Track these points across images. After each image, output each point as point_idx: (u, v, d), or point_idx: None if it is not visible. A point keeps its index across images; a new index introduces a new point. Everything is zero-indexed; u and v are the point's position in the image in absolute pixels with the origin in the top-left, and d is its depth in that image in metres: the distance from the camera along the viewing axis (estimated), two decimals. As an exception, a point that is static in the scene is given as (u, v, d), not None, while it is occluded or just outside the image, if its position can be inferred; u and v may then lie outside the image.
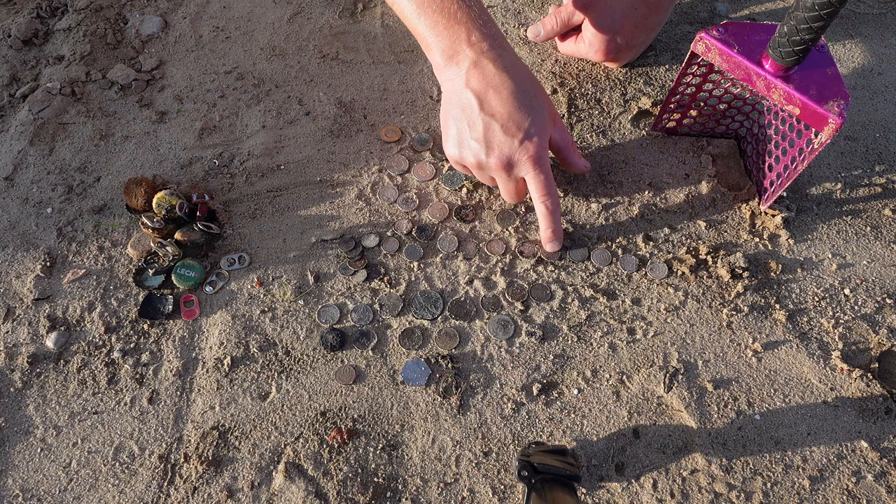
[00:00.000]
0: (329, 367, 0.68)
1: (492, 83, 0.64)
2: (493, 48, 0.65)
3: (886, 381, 0.67)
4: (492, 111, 0.64)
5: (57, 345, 0.69)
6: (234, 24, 0.95)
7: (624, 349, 0.69)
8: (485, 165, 0.67)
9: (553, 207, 0.68)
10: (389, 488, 0.62)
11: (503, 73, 0.64)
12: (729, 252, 0.74)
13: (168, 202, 0.74)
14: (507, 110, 0.64)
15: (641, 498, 0.61)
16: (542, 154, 0.65)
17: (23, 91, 0.88)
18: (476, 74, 0.64)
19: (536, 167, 0.65)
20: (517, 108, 0.64)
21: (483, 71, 0.64)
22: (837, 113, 0.60)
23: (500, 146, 0.65)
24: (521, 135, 0.64)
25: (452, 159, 0.70)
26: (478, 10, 0.65)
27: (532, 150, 0.65)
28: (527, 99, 0.65)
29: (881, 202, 0.78)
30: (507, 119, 0.64)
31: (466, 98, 0.65)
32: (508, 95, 0.64)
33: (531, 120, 0.64)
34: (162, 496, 0.61)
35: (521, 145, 0.64)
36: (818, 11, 0.55)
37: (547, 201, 0.67)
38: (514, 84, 0.64)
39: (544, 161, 0.66)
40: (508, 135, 0.64)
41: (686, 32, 0.93)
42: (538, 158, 0.65)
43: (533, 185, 0.67)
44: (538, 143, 0.65)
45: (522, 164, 0.66)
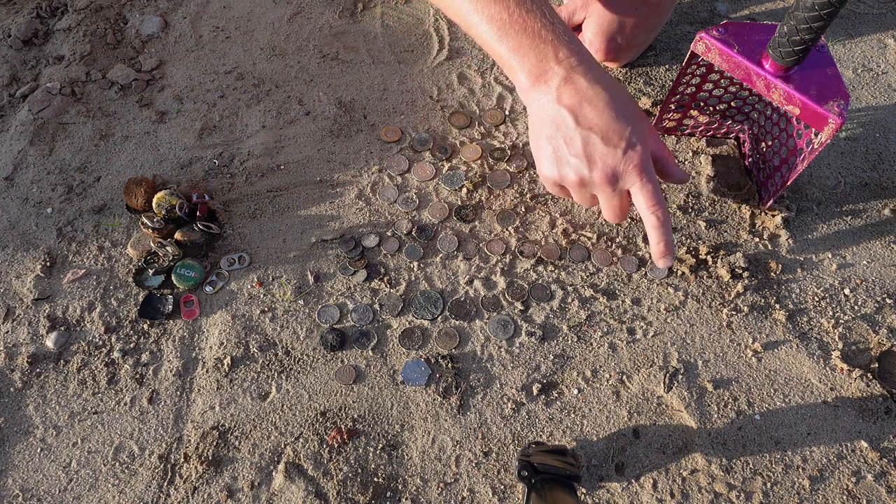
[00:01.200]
0: (329, 367, 0.68)
1: (585, 97, 0.62)
2: (581, 63, 0.62)
3: (886, 381, 0.67)
4: (589, 124, 0.61)
5: (57, 345, 0.69)
6: (234, 24, 0.95)
7: (624, 349, 0.69)
8: (588, 181, 0.63)
9: (664, 219, 0.62)
10: (389, 488, 0.62)
11: (596, 86, 0.62)
12: (729, 252, 0.74)
13: (168, 202, 0.74)
14: (606, 122, 0.61)
15: (641, 498, 0.61)
16: (648, 162, 0.62)
17: (23, 91, 0.88)
18: (568, 90, 0.62)
19: (643, 176, 0.61)
20: (615, 119, 0.61)
21: (575, 86, 0.62)
22: (837, 113, 0.60)
23: (604, 158, 0.61)
24: (624, 144, 0.61)
25: (550, 180, 0.66)
26: (562, 27, 0.63)
27: (637, 158, 0.61)
28: (624, 108, 0.62)
29: (881, 202, 0.78)
30: (607, 130, 0.61)
31: (560, 115, 0.62)
32: (605, 107, 0.61)
33: (631, 129, 0.61)
34: (162, 496, 0.61)
35: (626, 155, 0.61)
36: (818, 11, 0.55)
37: (658, 212, 0.62)
38: (609, 95, 0.62)
39: (650, 170, 0.62)
40: (610, 146, 0.61)
41: (686, 32, 0.93)
42: (644, 167, 0.61)
43: (641, 195, 0.62)
44: (642, 151, 0.61)
45: (628, 175, 0.62)
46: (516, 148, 0.82)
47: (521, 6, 0.62)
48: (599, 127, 0.61)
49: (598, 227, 0.76)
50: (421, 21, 0.95)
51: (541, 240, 0.75)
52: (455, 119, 0.85)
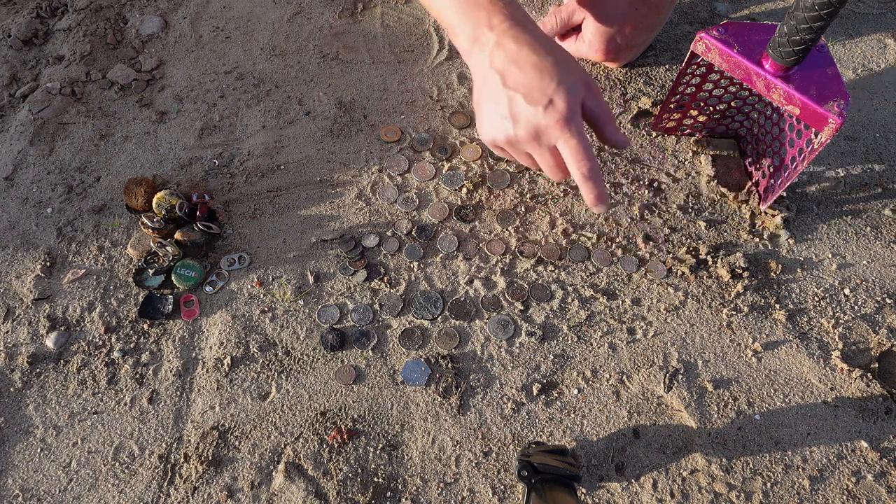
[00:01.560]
0: (329, 367, 0.68)
1: (513, 58, 0.63)
2: (514, 27, 0.64)
3: (886, 381, 0.67)
4: (514, 84, 0.63)
5: (57, 345, 0.69)
6: (234, 24, 0.95)
7: (624, 349, 0.69)
8: (515, 141, 0.65)
9: (590, 173, 0.62)
10: (389, 488, 0.62)
11: (524, 48, 0.63)
12: (729, 252, 0.74)
13: (168, 202, 0.74)
14: (530, 81, 0.62)
15: (641, 498, 0.61)
16: (570, 117, 0.62)
17: (23, 91, 0.88)
18: (499, 54, 0.64)
19: (565, 131, 0.61)
20: (540, 78, 0.62)
21: (505, 49, 0.63)
22: (837, 113, 0.60)
23: (526, 116, 0.62)
24: (546, 101, 0.61)
25: (487, 142, 0.68)
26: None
27: (557, 115, 0.61)
28: (552, 67, 0.62)
29: (881, 202, 0.78)
30: (531, 89, 0.62)
31: (491, 78, 0.64)
32: (530, 67, 0.62)
33: (555, 85, 0.62)
34: (162, 496, 0.61)
35: (546, 111, 0.61)
36: (818, 11, 0.55)
37: (583, 167, 0.62)
38: (537, 56, 0.63)
39: (574, 125, 0.62)
40: (532, 103, 0.62)
41: (686, 32, 0.93)
42: (566, 122, 0.61)
43: (565, 151, 0.62)
44: (565, 107, 0.61)
45: (550, 131, 0.62)
46: (516, 148, 0.82)
47: None
48: (524, 86, 0.62)
49: (597, 227, 0.76)
50: (421, 21, 0.95)
51: (541, 240, 0.75)
52: (455, 119, 0.85)
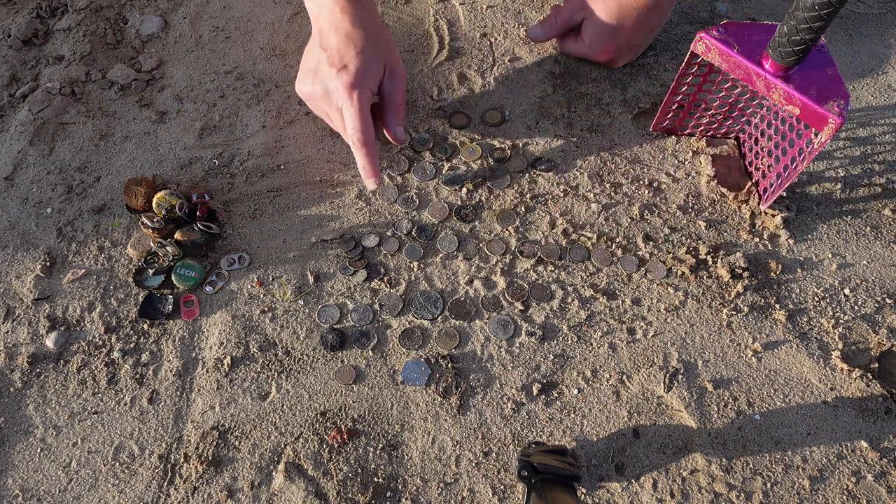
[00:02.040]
0: (329, 367, 0.68)
1: (334, 23, 0.70)
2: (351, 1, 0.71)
3: (886, 381, 0.67)
4: (325, 45, 0.70)
5: (57, 345, 0.69)
6: (234, 24, 0.95)
7: (624, 349, 0.69)
8: (312, 95, 0.72)
9: (363, 142, 0.70)
10: (389, 488, 0.62)
11: (346, 17, 0.70)
12: (729, 252, 0.74)
13: (168, 202, 0.74)
14: (337, 46, 0.69)
15: (641, 498, 0.61)
16: (357, 85, 0.68)
17: (23, 91, 0.88)
18: (327, 16, 0.71)
19: (348, 97, 0.68)
20: (346, 45, 0.69)
21: (332, 13, 0.70)
22: (837, 113, 0.60)
23: (322, 75, 0.70)
24: (341, 65, 0.69)
25: (297, 92, 0.75)
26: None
27: (346, 79, 0.68)
28: (360, 39, 0.70)
29: (881, 202, 0.78)
30: (335, 52, 0.69)
31: (315, 35, 0.73)
32: (343, 34, 0.70)
33: (354, 54, 0.69)
34: (162, 496, 0.61)
35: (338, 74, 0.69)
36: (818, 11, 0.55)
37: (356, 134, 0.69)
38: (353, 27, 0.70)
39: (359, 94, 0.69)
40: (331, 65, 0.69)
41: (686, 32, 0.93)
42: (351, 88, 0.68)
43: (346, 115, 0.69)
44: (355, 75, 0.68)
45: (337, 93, 0.69)
46: (516, 148, 0.82)
47: None
48: (330, 48, 0.70)
49: (598, 227, 0.76)
50: (421, 21, 0.95)
51: (541, 240, 0.75)
52: (455, 119, 0.85)
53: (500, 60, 0.90)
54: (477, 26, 0.94)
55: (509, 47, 0.91)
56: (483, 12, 0.96)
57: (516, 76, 0.89)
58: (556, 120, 0.84)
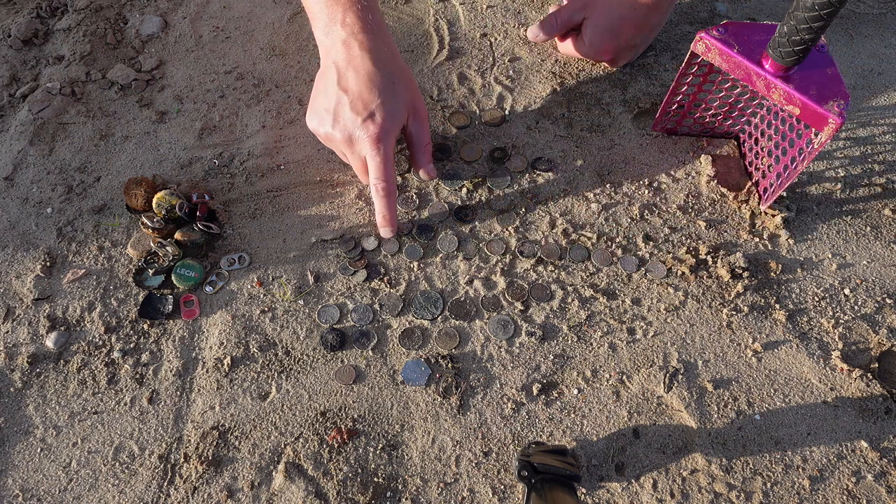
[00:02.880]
0: (329, 367, 0.68)
1: (353, 62, 0.68)
2: (364, 31, 0.68)
3: (886, 381, 0.67)
4: (346, 87, 0.67)
5: (57, 345, 0.69)
6: (234, 24, 0.95)
7: (624, 349, 0.69)
8: (331, 138, 0.70)
9: (386, 192, 0.69)
10: (389, 488, 0.62)
11: (366, 55, 0.68)
12: (729, 252, 0.74)
13: (168, 202, 0.74)
14: (359, 89, 0.67)
15: (641, 498, 0.61)
16: (383, 137, 0.67)
17: (23, 91, 0.88)
18: (343, 52, 0.68)
19: (375, 148, 0.67)
20: (369, 89, 0.67)
21: (349, 50, 0.68)
22: (837, 113, 0.60)
23: (345, 121, 0.67)
24: (366, 114, 0.67)
25: (310, 127, 0.72)
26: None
27: (373, 130, 0.67)
28: (383, 83, 0.68)
29: (881, 202, 0.78)
30: (357, 97, 0.67)
31: (330, 72, 0.69)
32: (364, 75, 0.67)
33: (380, 102, 0.67)
34: (162, 496, 0.61)
35: (364, 124, 0.67)
36: (818, 11, 0.55)
37: (379, 185, 0.69)
38: (375, 67, 0.67)
39: (384, 144, 0.67)
40: (354, 112, 0.67)
41: (686, 32, 0.93)
42: (378, 140, 0.67)
43: (370, 165, 0.68)
44: (381, 125, 0.67)
45: (362, 143, 0.68)
46: (516, 148, 0.82)
47: None
48: (352, 91, 0.67)
49: (598, 227, 0.76)
50: (421, 21, 0.95)
51: (541, 240, 0.75)
52: (455, 119, 0.85)
53: (500, 60, 0.90)
54: (477, 26, 0.94)
55: (509, 47, 0.91)
56: (483, 12, 0.96)
57: (516, 76, 0.89)
58: (556, 120, 0.84)
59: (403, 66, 0.72)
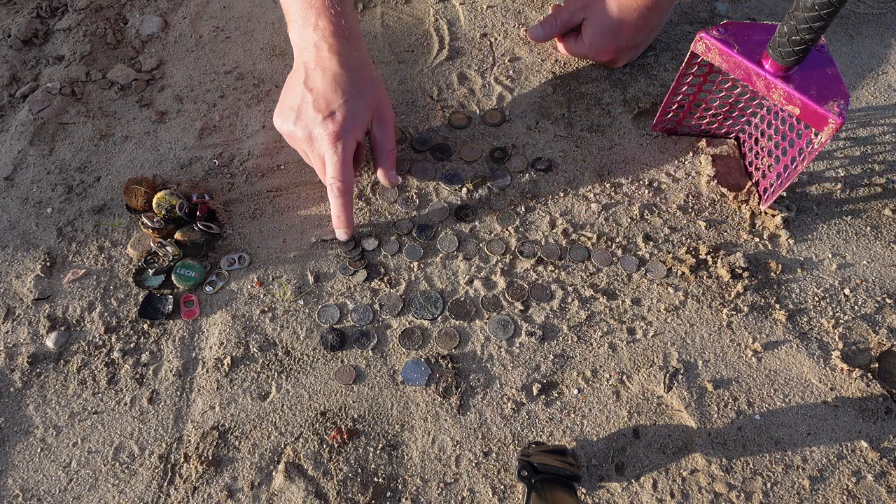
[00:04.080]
0: (329, 367, 0.68)
1: (321, 63, 0.69)
2: (335, 35, 0.70)
3: (886, 381, 0.67)
4: (311, 86, 0.68)
5: (57, 345, 0.69)
6: (234, 24, 0.95)
7: (624, 349, 0.69)
8: (293, 135, 0.70)
9: (341, 191, 0.69)
10: (389, 488, 0.62)
11: (334, 57, 0.69)
12: (729, 252, 0.74)
13: (168, 202, 0.74)
14: (323, 89, 0.68)
15: (641, 498, 0.61)
16: (342, 135, 0.68)
17: (23, 91, 0.88)
18: (313, 53, 0.70)
19: (333, 146, 0.68)
20: (333, 89, 0.68)
21: (319, 52, 0.69)
22: (837, 113, 0.60)
23: (307, 119, 0.68)
24: (327, 112, 0.67)
25: (275, 125, 0.73)
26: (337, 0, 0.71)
27: (332, 128, 0.67)
28: (348, 84, 0.68)
29: (881, 202, 0.78)
30: (321, 96, 0.68)
31: (299, 71, 0.70)
32: (330, 76, 0.68)
33: (342, 102, 0.68)
34: (162, 496, 0.61)
35: (324, 122, 0.67)
36: (818, 11, 0.55)
37: (335, 183, 0.69)
38: (341, 69, 0.69)
39: (343, 143, 0.68)
40: (316, 110, 0.68)
41: (686, 32, 0.93)
42: (336, 138, 0.67)
43: (328, 164, 0.69)
44: (341, 124, 0.67)
45: (321, 140, 0.68)
46: (516, 148, 0.82)
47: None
48: (317, 90, 0.68)
49: (598, 227, 0.76)
50: (421, 21, 0.95)
51: (541, 240, 0.75)
52: (455, 119, 0.85)
53: (500, 60, 0.90)
54: (477, 26, 0.94)
55: (509, 47, 0.91)
56: (483, 12, 0.96)
57: (516, 76, 0.89)
58: (556, 120, 0.84)
59: (371, 71, 0.73)
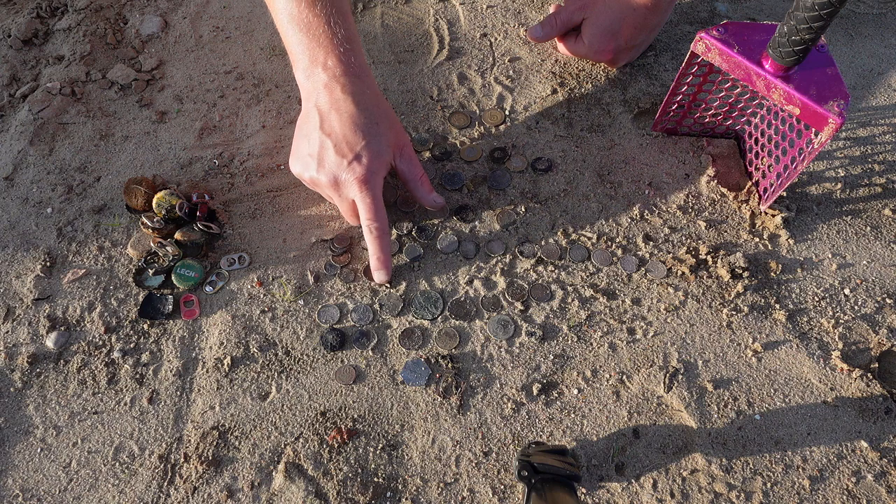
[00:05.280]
0: (329, 367, 0.68)
1: (335, 105, 0.67)
2: (346, 74, 0.68)
3: (886, 381, 0.67)
4: (329, 130, 0.67)
5: (57, 345, 0.69)
6: (234, 24, 0.95)
7: (624, 349, 0.69)
8: (317, 182, 0.69)
9: (379, 233, 0.68)
10: (389, 488, 0.62)
11: (348, 98, 0.67)
12: (729, 252, 0.74)
13: (168, 202, 0.74)
14: (343, 132, 0.66)
15: (641, 498, 0.61)
16: (370, 178, 0.67)
17: (23, 91, 0.88)
18: (325, 95, 0.67)
19: (363, 190, 0.67)
20: (353, 131, 0.66)
21: (331, 93, 0.67)
22: (837, 113, 0.60)
23: (330, 165, 0.66)
24: (351, 156, 0.66)
25: (294, 172, 0.71)
26: (343, 35, 0.68)
27: (359, 172, 0.66)
28: (367, 125, 0.67)
29: (881, 202, 0.78)
30: (341, 140, 0.66)
31: (312, 116, 0.68)
32: (348, 118, 0.66)
33: (364, 144, 0.66)
34: (162, 496, 0.61)
35: (349, 166, 0.66)
36: (818, 11, 0.55)
37: (372, 225, 0.68)
38: (357, 109, 0.67)
39: (372, 185, 0.67)
40: (339, 155, 0.66)
41: (686, 32, 0.93)
42: (365, 181, 0.66)
43: (361, 207, 0.68)
44: (367, 166, 0.66)
45: (349, 185, 0.67)
46: (516, 148, 0.82)
47: (311, 6, 0.67)
48: (336, 135, 0.66)
49: (598, 227, 0.76)
50: (421, 21, 0.95)
51: (541, 240, 0.75)
52: (455, 119, 0.85)
53: (500, 60, 0.90)
54: (477, 26, 0.94)
55: (509, 47, 0.92)
56: (483, 12, 0.96)
57: (516, 76, 0.89)
58: (556, 120, 0.84)
59: (386, 106, 0.71)
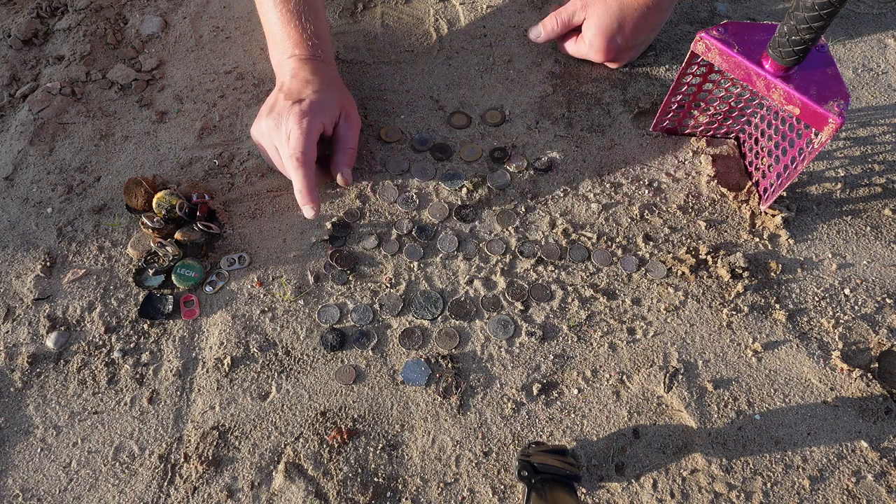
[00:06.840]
0: (329, 367, 0.68)
1: (294, 73, 0.75)
2: (312, 59, 0.77)
3: (886, 381, 0.67)
4: (286, 90, 0.74)
5: (57, 345, 0.69)
6: (234, 24, 0.95)
7: (624, 349, 0.69)
8: (264, 131, 0.73)
9: (302, 161, 0.70)
10: (389, 488, 0.62)
11: (308, 67, 0.75)
12: (729, 252, 0.74)
13: (168, 202, 0.74)
14: (295, 87, 0.73)
15: (641, 498, 0.61)
16: (309, 115, 0.71)
17: (23, 91, 0.88)
18: (290, 69, 0.76)
19: (299, 123, 0.70)
20: (304, 85, 0.73)
21: (296, 76, 0.75)
22: (837, 113, 0.60)
23: (278, 108, 0.72)
24: (296, 97, 0.72)
25: (253, 136, 0.76)
26: (312, 30, 0.77)
27: (299, 107, 0.71)
28: (319, 84, 0.74)
29: (881, 202, 0.78)
30: (293, 91, 0.73)
31: (275, 92, 0.75)
32: (302, 80, 0.74)
33: (311, 92, 0.72)
34: (162, 496, 0.61)
35: (293, 105, 0.71)
36: (818, 11, 0.55)
37: (296, 154, 0.70)
38: (314, 76, 0.74)
39: (308, 122, 0.70)
40: (287, 99, 0.72)
41: (686, 32, 0.93)
42: (302, 115, 0.70)
43: (291, 138, 0.70)
44: (309, 105, 0.71)
45: (288, 120, 0.70)
46: (516, 148, 0.82)
47: (285, 2, 0.77)
48: (288, 88, 0.74)
49: (598, 227, 0.76)
50: (421, 21, 0.95)
51: (541, 240, 0.75)
52: (455, 119, 0.85)
53: (500, 60, 0.90)
54: (477, 26, 0.94)
55: (509, 47, 0.91)
56: (483, 12, 0.96)
57: (516, 76, 0.89)
58: (556, 120, 0.84)
59: (343, 85, 0.79)
